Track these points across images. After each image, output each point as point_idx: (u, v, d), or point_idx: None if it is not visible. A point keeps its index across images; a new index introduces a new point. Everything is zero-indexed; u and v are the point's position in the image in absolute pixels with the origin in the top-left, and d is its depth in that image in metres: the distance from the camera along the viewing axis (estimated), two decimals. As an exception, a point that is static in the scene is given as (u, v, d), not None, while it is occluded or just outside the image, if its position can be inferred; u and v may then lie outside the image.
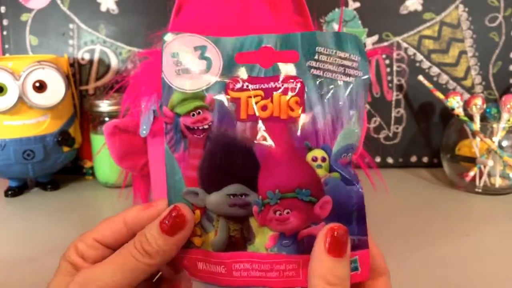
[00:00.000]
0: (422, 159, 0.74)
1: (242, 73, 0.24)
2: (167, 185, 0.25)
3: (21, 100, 0.60)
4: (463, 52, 0.72)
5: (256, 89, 0.24)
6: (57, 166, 0.66)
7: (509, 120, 0.61)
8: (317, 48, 0.24)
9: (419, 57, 0.72)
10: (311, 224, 0.23)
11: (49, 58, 0.63)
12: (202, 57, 0.24)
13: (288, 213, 0.23)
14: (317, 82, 0.23)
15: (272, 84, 0.24)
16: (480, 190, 0.62)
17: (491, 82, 0.73)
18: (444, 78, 0.73)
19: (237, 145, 0.24)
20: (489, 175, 0.62)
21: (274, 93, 0.24)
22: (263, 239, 0.24)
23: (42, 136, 0.62)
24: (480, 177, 0.62)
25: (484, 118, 0.65)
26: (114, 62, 0.73)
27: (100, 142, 0.65)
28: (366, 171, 0.50)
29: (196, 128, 0.24)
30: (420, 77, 0.69)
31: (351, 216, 0.23)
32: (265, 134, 0.23)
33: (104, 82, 0.73)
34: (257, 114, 0.24)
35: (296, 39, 0.24)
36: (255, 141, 0.23)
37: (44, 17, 0.72)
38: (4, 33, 0.73)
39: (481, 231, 0.51)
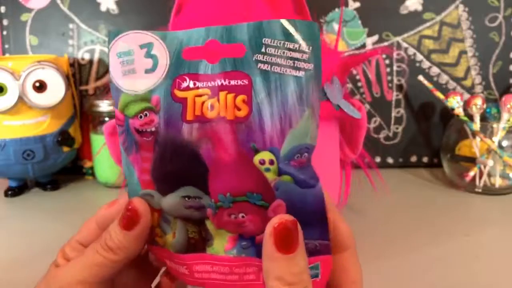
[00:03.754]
0: (422, 159, 0.74)
1: (189, 70, 0.22)
2: (127, 187, 0.24)
3: (21, 100, 0.60)
4: (463, 52, 0.72)
5: (203, 87, 0.22)
6: (57, 166, 0.66)
7: (509, 120, 0.61)
8: (264, 39, 0.21)
9: (419, 57, 0.72)
10: None
11: (49, 58, 0.63)
12: (148, 55, 0.23)
13: (243, 217, 0.22)
14: (265, 78, 0.21)
15: (218, 82, 0.22)
16: (480, 190, 0.62)
17: (491, 82, 0.73)
18: (444, 78, 0.73)
19: (183, 148, 0.22)
20: (489, 175, 0.62)
21: (220, 91, 0.22)
22: (222, 241, 0.23)
23: (42, 136, 0.62)
24: (480, 177, 0.62)
25: (484, 118, 0.65)
26: (114, 62, 0.73)
27: (100, 142, 0.65)
28: (366, 171, 0.50)
29: (144, 130, 0.23)
30: (420, 77, 0.69)
31: (310, 220, 0.22)
32: (212, 136, 0.22)
33: (104, 82, 0.73)
34: (203, 114, 0.22)
35: (242, 31, 0.21)
36: (203, 143, 0.22)
37: (44, 17, 0.72)
38: (4, 33, 0.73)
39: (481, 231, 0.51)
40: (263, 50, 0.21)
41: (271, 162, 0.22)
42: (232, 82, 0.22)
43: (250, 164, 0.22)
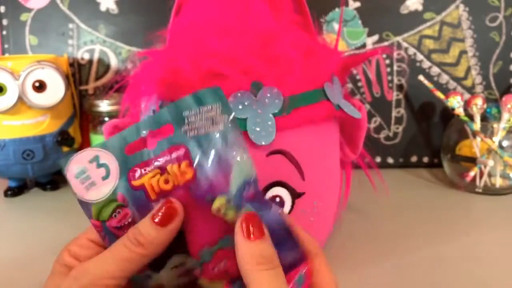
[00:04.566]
0: (422, 159, 0.74)
1: (136, 162, 0.26)
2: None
3: (21, 100, 0.60)
4: (463, 52, 0.72)
5: (152, 169, 0.26)
6: (56, 166, 0.66)
7: (509, 120, 0.61)
8: (183, 113, 0.26)
9: (420, 57, 0.72)
10: None
11: (49, 58, 0.63)
12: (99, 165, 0.26)
13: (225, 264, 0.26)
14: (196, 141, 0.26)
15: (161, 159, 0.26)
16: (480, 190, 0.62)
17: (492, 82, 0.73)
18: (444, 78, 0.73)
19: None
20: (489, 175, 0.62)
21: (167, 166, 0.26)
22: None
23: (42, 136, 0.62)
24: (481, 177, 0.62)
25: (484, 118, 0.65)
26: (113, 62, 0.73)
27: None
28: (366, 171, 0.50)
29: (122, 225, 0.26)
30: (421, 77, 0.69)
31: (280, 237, 0.25)
32: None
33: (103, 82, 0.73)
34: (163, 189, 0.26)
35: (164, 115, 0.26)
36: None
37: (44, 17, 0.72)
38: (4, 32, 0.73)
39: (481, 231, 0.51)
40: (186, 121, 0.26)
41: (228, 202, 0.25)
42: (173, 155, 0.26)
43: (211, 214, 0.25)
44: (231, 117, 0.26)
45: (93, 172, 0.26)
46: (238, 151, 0.25)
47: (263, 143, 0.35)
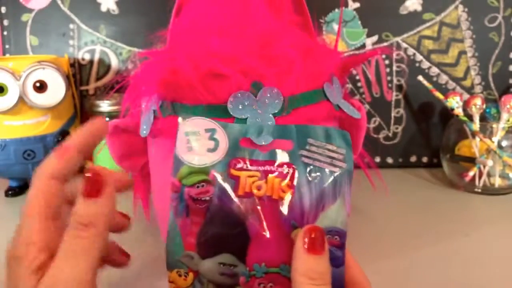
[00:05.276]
0: (421, 159, 0.74)
1: (244, 155, 0.27)
2: (167, 247, 0.27)
3: (22, 100, 0.60)
4: (462, 52, 0.72)
5: (254, 170, 0.27)
6: (57, 166, 0.66)
7: (508, 120, 0.61)
8: (308, 139, 0.27)
9: (419, 57, 0.72)
10: None
11: (50, 58, 0.64)
12: (211, 138, 0.27)
13: (271, 286, 0.26)
14: (307, 169, 0.26)
15: (268, 167, 0.27)
16: (479, 190, 0.62)
17: (491, 82, 0.73)
18: (443, 78, 0.73)
19: (233, 218, 0.26)
20: (488, 175, 0.62)
21: (269, 175, 0.26)
22: None
23: (43, 136, 0.62)
24: (480, 177, 0.62)
25: (483, 118, 0.65)
26: (114, 62, 0.73)
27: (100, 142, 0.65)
28: (365, 171, 0.50)
29: (199, 199, 0.26)
30: (420, 77, 0.69)
31: None
32: (258, 211, 0.26)
33: (104, 82, 0.73)
34: (253, 192, 0.26)
35: (291, 130, 0.27)
36: (249, 217, 0.26)
37: (45, 17, 0.72)
38: (5, 33, 0.73)
39: (481, 231, 0.51)
40: (307, 147, 0.27)
41: None
42: (280, 169, 0.27)
43: (288, 238, 0.25)
44: (349, 167, 0.26)
45: (203, 140, 0.27)
46: (339, 200, 0.26)
47: (263, 143, 0.35)
